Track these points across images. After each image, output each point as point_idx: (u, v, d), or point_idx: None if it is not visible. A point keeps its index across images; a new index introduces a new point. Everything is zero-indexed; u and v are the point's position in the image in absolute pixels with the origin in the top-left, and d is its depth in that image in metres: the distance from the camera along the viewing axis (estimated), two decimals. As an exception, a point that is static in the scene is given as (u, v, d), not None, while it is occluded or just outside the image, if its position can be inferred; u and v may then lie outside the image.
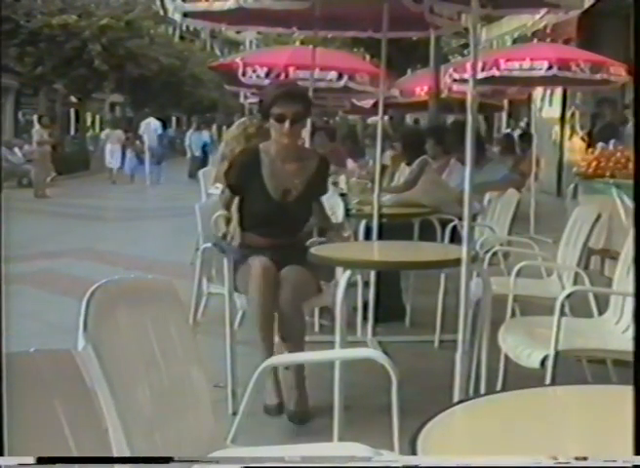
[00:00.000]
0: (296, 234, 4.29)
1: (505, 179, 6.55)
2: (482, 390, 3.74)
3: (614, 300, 3.78)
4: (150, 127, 25.36)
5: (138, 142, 26.00)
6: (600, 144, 8.81)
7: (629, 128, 10.05)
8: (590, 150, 8.75)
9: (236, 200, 4.34)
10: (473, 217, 5.06)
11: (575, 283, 4.25)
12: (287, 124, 4.12)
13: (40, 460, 1.48)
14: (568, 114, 15.95)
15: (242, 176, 4.29)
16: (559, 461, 1.48)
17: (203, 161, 23.10)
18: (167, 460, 1.53)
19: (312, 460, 1.65)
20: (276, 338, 4.03)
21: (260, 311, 3.94)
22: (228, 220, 4.39)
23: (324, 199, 4.64)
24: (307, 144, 7.70)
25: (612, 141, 8.65)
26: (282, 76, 9.27)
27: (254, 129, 6.23)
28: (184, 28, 37.77)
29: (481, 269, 4.04)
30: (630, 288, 3.52)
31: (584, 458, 1.49)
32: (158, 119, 27.28)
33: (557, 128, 16.46)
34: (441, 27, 5.75)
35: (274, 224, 4.21)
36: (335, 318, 3.67)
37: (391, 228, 5.62)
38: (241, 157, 4.47)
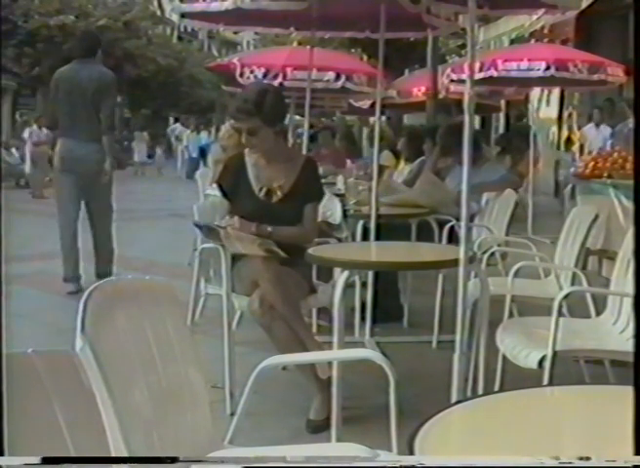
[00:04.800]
0: None
1: (503, 180, 6.54)
2: (480, 391, 3.74)
3: (611, 301, 3.79)
4: (176, 131, 29.99)
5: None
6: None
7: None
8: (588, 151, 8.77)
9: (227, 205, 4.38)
10: (471, 218, 5.06)
11: (572, 283, 4.25)
12: (244, 137, 4.25)
13: (47, 460, 1.48)
14: (565, 114, 15.96)
15: (230, 180, 4.39)
16: (562, 461, 1.48)
17: (200, 162, 23.18)
18: (173, 460, 1.53)
19: (314, 460, 1.65)
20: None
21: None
22: None
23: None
24: (305, 144, 7.73)
25: (609, 142, 8.66)
26: (280, 77, 9.27)
27: None
28: (182, 29, 37.80)
29: (479, 270, 4.04)
30: (628, 288, 3.52)
31: (587, 458, 1.49)
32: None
33: (555, 128, 16.48)
34: (438, 28, 5.75)
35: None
36: (333, 318, 3.67)
37: (389, 229, 5.62)
38: (228, 161, 4.59)
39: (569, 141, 13.64)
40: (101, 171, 6.90)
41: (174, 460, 1.53)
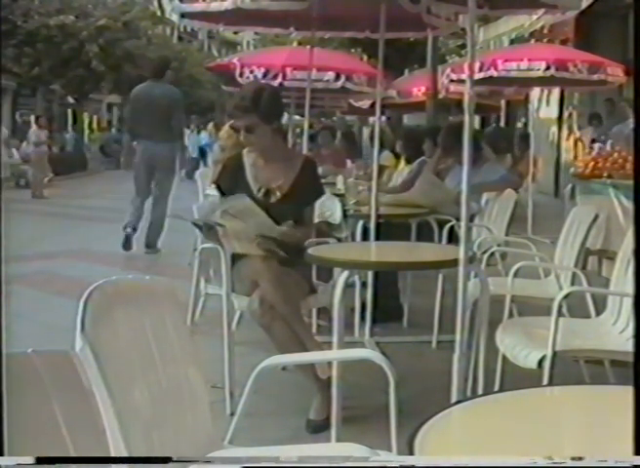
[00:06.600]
0: None
1: (503, 180, 6.54)
2: (479, 391, 3.74)
3: (611, 301, 3.78)
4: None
5: None
6: (597, 145, 8.83)
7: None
8: (588, 150, 8.78)
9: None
10: (471, 218, 5.06)
11: (572, 283, 4.24)
12: (242, 134, 4.26)
13: (40, 460, 1.48)
14: (565, 114, 15.97)
15: (228, 180, 4.38)
16: (555, 461, 1.48)
17: (200, 162, 23.18)
18: (165, 460, 1.53)
19: (309, 460, 1.65)
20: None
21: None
22: None
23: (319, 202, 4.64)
24: (306, 144, 7.73)
25: (609, 141, 8.66)
26: (279, 77, 9.27)
27: None
28: (182, 29, 37.79)
29: (479, 270, 4.04)
30: (628, 288, 3.52)
31: (580, 458, 1.49)
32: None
33: (555, 128, 16.48)
34: (438, 28, 5.75)
35: None
36: (332, 318, 3.67)
37: (389, 229, 5.62)
38: (226, 162, 4.60)
39: None
40: (170, 163, 9.17)
41: (166, 460, 1.53)
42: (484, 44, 16.88)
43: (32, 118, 21.48)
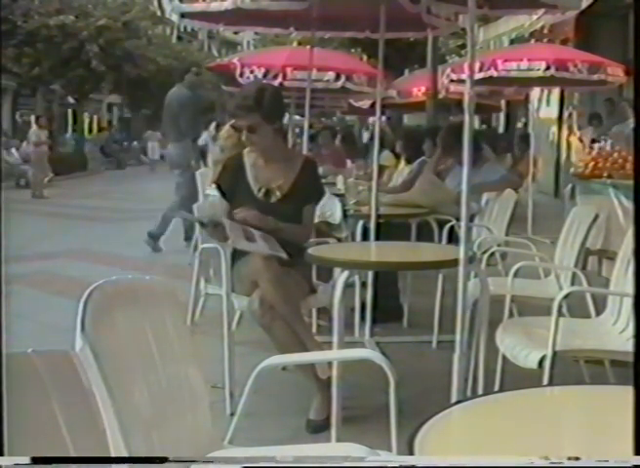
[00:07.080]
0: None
1: (503, 180, 6.54)
2: (480, 391, 3.74)
3: (611, 301, 3.78)
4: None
5: None
6: (597, 145, 8.83)
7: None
8: (588, 150, 8.78)
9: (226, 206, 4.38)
10: (471, 218, 5.06)
11: (572, 283, 4.24)
12: (244, 134, 4.26)
13: (36, 460, 1.47)
14: (565, 114, 15.96)
15: (229, 180, 4.39)
16: (552, 461, 1.48)
17: (200, 162, 23.19)
18: (163, 460, 1.53)
19: (307, 460, 1.65)
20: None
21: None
22: None
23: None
24: (306, 144, 7.73)
25: (609, 141, 8.67)
26: (279, 77, 9.27)
27: None
28: (182, 29, 37.77)
29: (479, 270, 4.04)
30: (628, 288, 3.52)
31: (577, 458, 1.49)
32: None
33: (555, 128, 16.48)
34: (438, 28, 5.75)
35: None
36: (332, 318, 3.67)
37: (389, 229, 5.62)
38: (227, 162, 4.59)
39: None
40: (178, 162, 9.61)
41: (165, 460, 1.52)
42: (484, 44, 16.87)
43: (32, 118, 21.49)
